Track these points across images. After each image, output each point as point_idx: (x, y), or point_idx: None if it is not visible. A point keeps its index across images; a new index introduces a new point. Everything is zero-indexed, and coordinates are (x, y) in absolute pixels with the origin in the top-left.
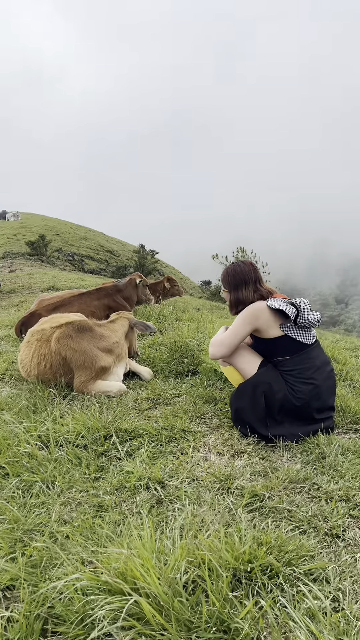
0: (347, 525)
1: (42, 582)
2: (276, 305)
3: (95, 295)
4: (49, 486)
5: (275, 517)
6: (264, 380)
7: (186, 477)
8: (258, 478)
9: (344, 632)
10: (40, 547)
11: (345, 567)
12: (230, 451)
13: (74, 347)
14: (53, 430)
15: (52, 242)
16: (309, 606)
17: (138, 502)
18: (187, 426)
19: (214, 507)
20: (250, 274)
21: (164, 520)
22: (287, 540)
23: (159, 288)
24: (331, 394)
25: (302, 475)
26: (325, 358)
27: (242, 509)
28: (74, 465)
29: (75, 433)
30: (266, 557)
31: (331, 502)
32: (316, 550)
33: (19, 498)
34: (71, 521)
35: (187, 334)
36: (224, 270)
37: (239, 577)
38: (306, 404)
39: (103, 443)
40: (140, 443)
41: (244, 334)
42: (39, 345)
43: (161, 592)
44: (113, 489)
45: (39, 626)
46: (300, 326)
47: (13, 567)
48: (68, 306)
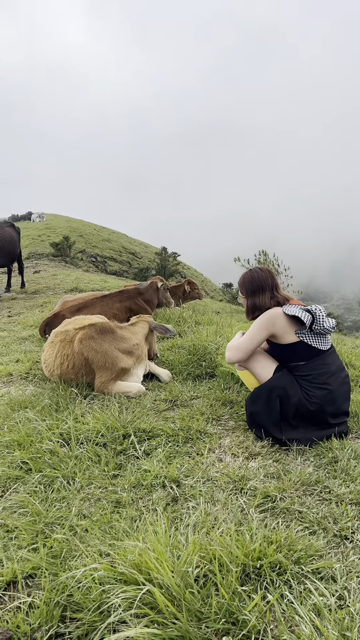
0: (356, 527)
1: (62, 571)
2: (292, 311)
3: (118, 298)
4: (70, 482)
5: (286, 517)
6: (279, 384)
7: (201, 477)
8: (271, 480)
9: (348, 628)
10: (61, 539)
11: (352, 567)
12: (244, 453)
13: (95, 348)
14: (74, 429)
15: (75, 243)
16: (315, 602)
17: (154, 500)
18: (203, 428)
19: (227, 506)
20: (267, 280)
21: (178, 517)
22: (296, 540)
23: (179, 291)
24: (346, 400)
25: (314, 478)
26: (340, 364)
27: (254, 509)
28: (93, 463)
29: (95, 432)
30: (275, 554)
31: (341, 505)
32: (324, 551)
33: (40, 492)
34: (90, 516)
35: (205, 337)
36: (242, 276)
37: (248, 573)
38: (320, 408)
39: (122, 442)
40: (158, 443)
41: (260, 339)
42: (62, 345)
43: (173, 583)
44: (130, 487)
45: (58, 612)
46: (316, 332)
47: (35, 557)
48: (91, 308)
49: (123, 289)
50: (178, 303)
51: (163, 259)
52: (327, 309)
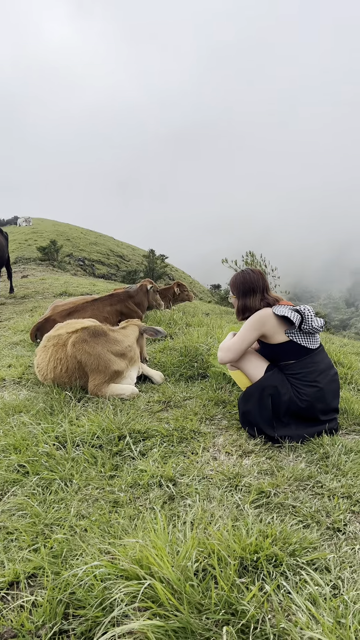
0: (348, 520)
1: (63, 570)
2: (282, 312)
3: (108, 301)
4: (67, 484)
5: (280, 512)
6: (270, 383)
7: (196, 475)
8: (265, 476)
9: (342, 615)
10: (61, 539)
11: (345, 558)
12: (238, 451)
13: (89, 351)
14: (69, 431)
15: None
16: (310, 592)
17: (151, 499)
18: (197, 427)
19: (223, 503)
20: (258, 282)
21: (176, 515)
22: (291, 533)
23: (169, 293)
24: (335, 397)
25: (307, 473)
26: (329, 362)
27: (249, 505)
28: (90, 464)
29: (90, 434)
30: (271, 547)
31: (334, 499)
32: (318, 543)
33: (39, 494)
34: (89, 516)
35: (196, 338)
36: (234, 276)
37: (246, 566)
38: (311, 406)
39: (117, 443)
40: (153, 443)
41: (251, 339)
42: (55, 349)
43: (174, 577)
44: (128, 486)
45: (61, 610)
46: (305, 332)
47: (36, 557)
48: (82, 312)
49: (113, 293)
50: (168, 305)
51: (151, 261)
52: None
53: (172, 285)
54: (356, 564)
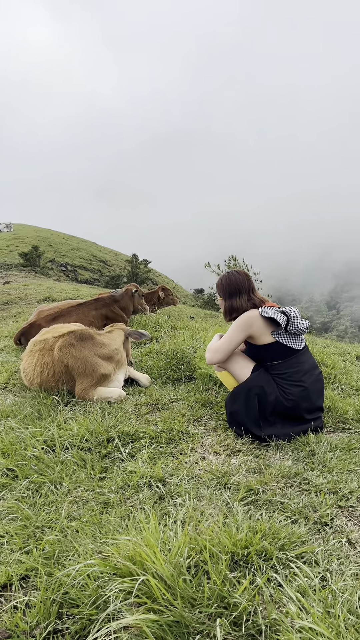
0: (334, 514)
1: (56, 570)
2: (268, 313)
3: (93, 306)
4: (57, 486)
5: (269, 508)
6: (257, 383)
7: (186, 475)
8: (253, 474)
9: (331, 605)
10: (53, 541)
11: (333, 551)
12: (226, 451)
13: (76, 355)
14: (58, 435)
15: (45, 252)
16: (300, 584)
17: (142, 499)
18: (185, 428)
19: (212, 501)
20: (244, 283)
21: (166, 514)
22: (280, 529)
23: (154, 297)
24: (320, 396)
25: (294, 470)
26: (313, 362)
27: (239, 503)
28: (79, 467)
29: (79, 437)
30: (261, 542)
31: (320, 495)
32: (307, 537)
33: (29, 498)
34: (80, 517)
35: (182, 341)
36: (220, 278)
37: (237, 560)
38: (296, 405)
39: (106, 446)
40: (142, 445)
41: (238, 340)
42: (41, 354)
43: (167, 573)
44: (118, 488)
45: (55, 610)
46: (291, 333)
47: (28, 559)
48: (67, 316)
49: (98, 297)
50: (153, 309)
51: (134, 266)
52: None
53: (156, 290)
54: (343, 556)
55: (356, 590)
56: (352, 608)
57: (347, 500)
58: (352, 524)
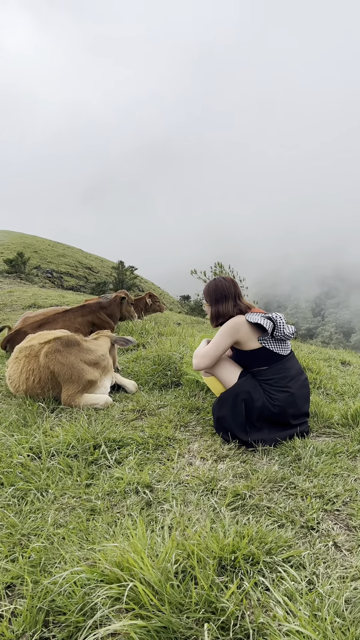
0: (321, 518)
1: (42, 578)
2: (254, 319)
3: (80, 312)
4: (43, 494)
5: (255, 513)
6: (244, 389)
7: (173, 481)
8: (239, 479)
9: (318, 609)
10: (39, 548)
11: (319, 554)
12: (213, 456)
13: (62, 361)
14: (44, 442)
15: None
16: (287, 587)
17: (129, 505)
18: (172, 434)
19: (200, 506)
20: (230, 289)
21: (153, 520)
22: (266, 533)
23: (140, 304)
24: (305, 401)
25: (280, 475)
26: (299, 368)
27: (226, 508)
28: (66, 474)
29: (65, 444)
30: (248, 547)
31: (306, 499)
32: (293, 541)
33: (14, 505)
34: (66, 524)
35: (169, 347)
36: (206, 285)
37: (224, 565)
38: (282, 410)
39: (93, 452)
40: (128, 451)
41: (225, 346)
42: (27, 361)
43: (154, 578)
44: (104, 494)
45: (41, 617)
46: (277, 339)
47: (14, 567)
48: (53, 323)
49: (85, 304)
50: (140, 316)
51: (120, 272)
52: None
53: (143, 296)
54: (329, 560)
55: (342, 592)
56: (339, 611)
57: (333, 504)
58: (338, 527)
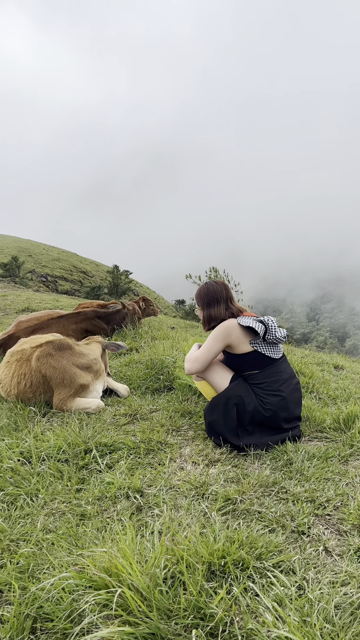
0: (311, 523)
1: (31, 584)
2: (246, 322)
3: (74, 319)
4: (33, 499)
5: (246, 518)
6: (235, 393)
7: (164, 486)
8: (231, 484)
9: (308, 614)
10: (27, 554)
11: (310, 560)
12: (204, 460)
13: (54, 365)
14: (35, 446)
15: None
16: (277, 593)
17: (119, 510)
18: (163, 439)
19: (190, 511)
20: (221, 293)
21: (143, 525)
22: (257, 538)
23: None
24: (297, 405)
25: (272, 480)
26: (291, 371)
27: (216, 512)
28: (56, 479)
29: (56, 448)
30: (238, 552)
31: (298, 503)
32: (284, 546)
33: (3, 510)
34: (56, 530)
35: (162, 351)
36: (198, 289)
37: (214, 570)
38: (274, 414)
39: (84, 457)
40: (120, 456)
41: (217, 350)
42: (19, 365)
43: (143, 584)
44: (95, 499)
45: (28, 624)
46: (269, 342)
47: (2, 573)
48: (46, 329)
49: (80, 310)
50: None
51: (115, 277)
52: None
53: (137, 300)
54: (320, 565)
55: (332, 598)
56: (328, 616)
57: (324, 508)
58: (329, 532)
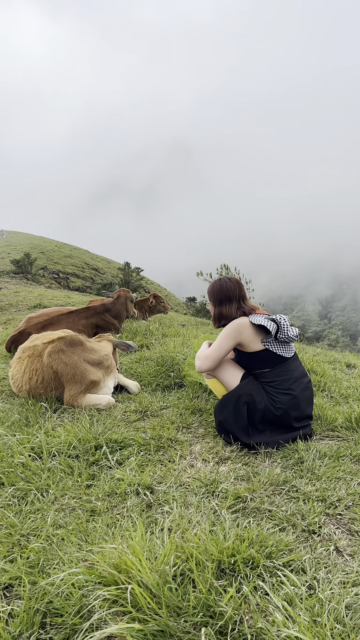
0: (322, 522)
1: (41, 579)
2: (258, 321)
3: (84, 314)
4: (43, 494)
5: (256, 516)
6: (246, 391)
7: (174, 483)
8: (241, 482)
9: (318, 614)
10: (38, 549)
11: (320, 559)
12: (215, 458)
13: (65, 361)
14: (45, 442)
15: (37, 260)
16: (287, 592)
17: (129, 507)
18: (174, 436)
19: (200, 509)
20: (235, 290)
21: (153, 521)
22: (267, 537)
23: (145, 305)
24: (309, 404)
25: (282, 478)
26: (303, 370)
27: (226, 510)
28: (66, 474)
29: (67, 444)
30: (248, 550)
31: (308, 502)
32: (294, 545)
33: (14, 505)
34: (66, 525)
35: (173, 348)
36: (211, 284)
37: (224, 569)
38: (285, 413)
39: (94, 453)
40: (130, 452)
41: (228, 348)
42: (30, 360)
43: (152, 581)
44: (105, 495)
45: (38, 619)
46: (280, 341)
47: (12, 567)
48: (56, 325)
49: (89, 305)
50: (144, 317)
51: (126, 274)
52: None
53: (148, 297)
54: (331, 564)
55: (343, 598)
56: (339, 617)
57: (335, 508)
58: (339, 531)
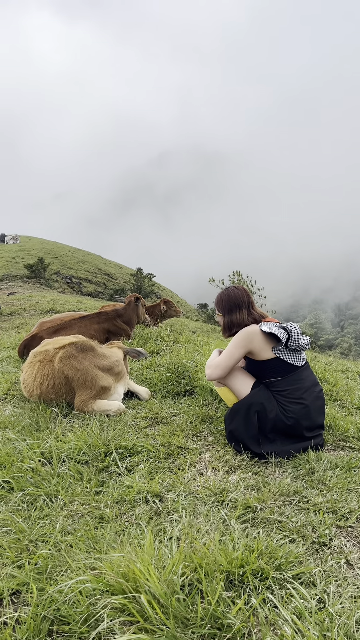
0: (333, 534)
1: (48, 586)
2: (268, 329)
3: (96, 319)
4: (52, 500)
5: (266, 527)
6: (257, 400)
7: (183, 491)
8: (251, 491)
9: (328, 629)
10: (46, 555)
11: (331, 572)
12: (224, 467)
13: (76, 367)
14: (55, 447)
15: (50, 265)
16: (296, 605)
17: (137, 514)
18: (184, 443)
19: (209, 518)
20: (243, 298)
21: (162, 530)
22: (277, 548)
23: (156, 310)
24: (320, 413)
25: (293, 488)
26: (314, 379)
27: (236, 520)
28: (76, 480)
29: (76, 450)
30: (257, 562)
31: (319, 514)
32: (304, 557)
33: (23, 511)
34: (74, 532)
35: (184, 355)
36: (218, 295)
37: (232, 580)
38: (296, 422)
39: (103, 459)
40: (139, 459)
41: (238, 356)
42: (42, 365)
43: (160, 591)
44: (114, 502)
45: (45, 627)
46: (291, 349)
47: (20, 573)
48: (69, 329)
49: (101, 311)
50: (155, 322)
51: (138, 279)
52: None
53: (159, 302)
54: (341, 578)
55: (353, 613)
56: (349, 632)
57: (346, 520)
58: (351, 544)
